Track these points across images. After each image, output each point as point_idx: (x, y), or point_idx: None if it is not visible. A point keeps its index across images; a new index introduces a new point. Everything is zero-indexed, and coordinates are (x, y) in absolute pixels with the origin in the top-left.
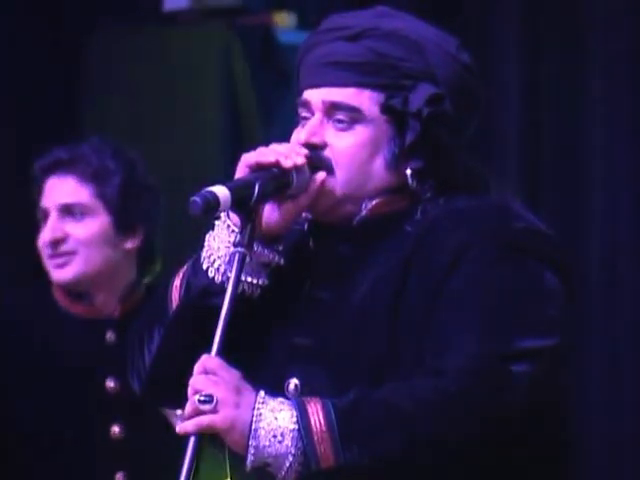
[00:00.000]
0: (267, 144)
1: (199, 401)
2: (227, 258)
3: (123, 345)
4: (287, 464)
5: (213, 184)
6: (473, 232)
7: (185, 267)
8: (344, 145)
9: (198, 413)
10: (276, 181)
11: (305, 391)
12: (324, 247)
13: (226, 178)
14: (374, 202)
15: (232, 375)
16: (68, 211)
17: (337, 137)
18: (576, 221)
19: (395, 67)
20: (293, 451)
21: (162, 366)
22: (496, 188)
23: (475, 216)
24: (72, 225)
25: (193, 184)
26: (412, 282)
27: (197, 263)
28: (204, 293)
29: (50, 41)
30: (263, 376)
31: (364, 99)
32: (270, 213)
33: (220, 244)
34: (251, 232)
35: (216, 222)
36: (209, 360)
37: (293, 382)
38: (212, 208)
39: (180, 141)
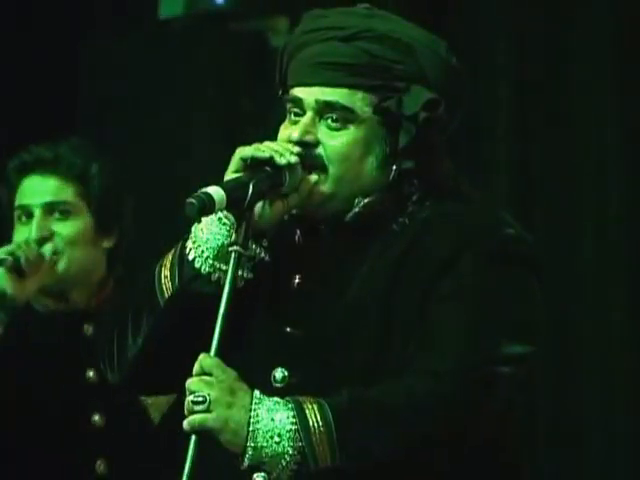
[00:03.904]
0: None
1: (192, 402)
2: (217, 251)
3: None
4: (283, 463)
5: (207, 185)
6: (465, 237)
7: (170, 257)
8: (337, 144)
9: (192, 413)
10: (269, 180)
11: (292, 380)
12: (313, 242)
13: (220, 180)
14: (367, 200)
15: (227, 375)
16: (53, 210)
17: (330, 136)
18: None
19: (388, 69)
20: (290, 451)
21: (151, 352)
22: (477, 194)
23: (466, 221)
24: (57, 224)
25: (187, 185)
26: (404, 280)
27: (183, 253)
28: (192, 282)
29: (46, 50)
30: (250, 364)
31: (357, 100)
32: (260, 211)
33: (210, 236)
34: (246, 231)
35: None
36: (206, 360)
37: (280, 370)
38: (208, 209)
39: (175, 144)
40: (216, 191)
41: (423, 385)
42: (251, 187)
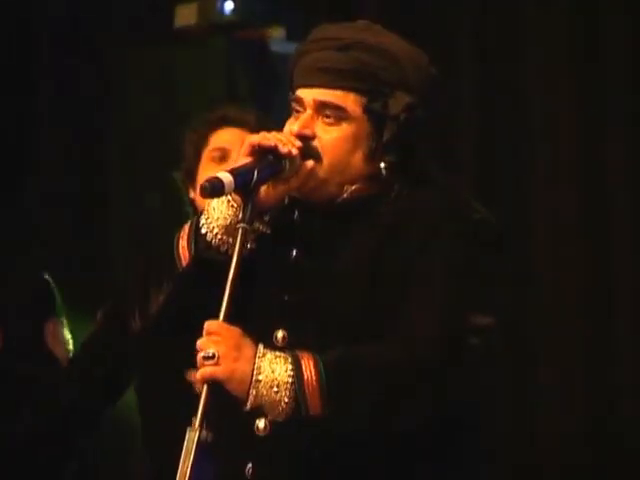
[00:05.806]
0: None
1: (203, 357)
2: (224, 229)
3: None
4: (279, 409)
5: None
6: (436, 223)
7: (187, 230)
8: (330, 138)
9: (203, 367)
10: (271, 168)
11: (291, 340)
12: (309, 221)
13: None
14: (354, 187)
15: (233, 333)
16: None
17: (325, 131)
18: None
19: (376, 75)
20: (286, 400)
21: (171, 310)
22: (450, 181)
23: (437, 208)
24: None
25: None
26: (385, 259)
27: (197, 227)
28: (205, 252)
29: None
30: (254, 327)
31: (349, 100)
32: (265, 192)
33: (219, 214)
34: (251, 210)
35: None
36: (211, 324)
37: (281, 332)
38: (218, 191)
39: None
40: (226, 176)
41: (398, 348)
42: (256, 173)
